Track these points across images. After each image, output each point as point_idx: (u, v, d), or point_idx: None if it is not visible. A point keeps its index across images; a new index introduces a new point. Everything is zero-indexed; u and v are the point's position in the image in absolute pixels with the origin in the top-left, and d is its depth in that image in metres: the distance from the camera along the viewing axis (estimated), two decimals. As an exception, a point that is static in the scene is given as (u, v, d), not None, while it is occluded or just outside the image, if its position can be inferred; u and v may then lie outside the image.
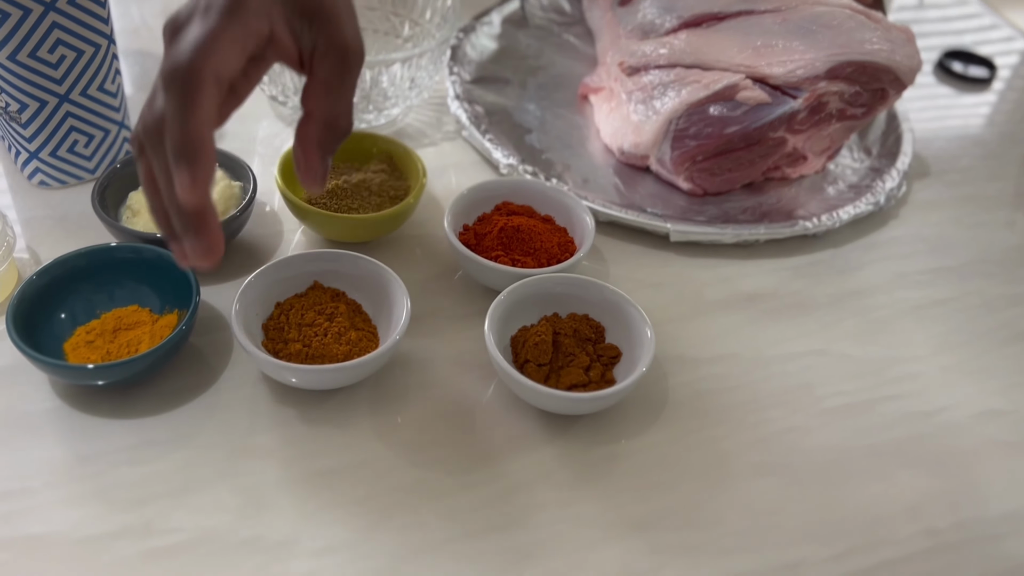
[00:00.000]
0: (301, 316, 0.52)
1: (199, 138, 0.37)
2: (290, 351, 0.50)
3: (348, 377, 0.49)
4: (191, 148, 0.37)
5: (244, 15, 0.39)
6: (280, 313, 0.52)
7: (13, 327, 0.47)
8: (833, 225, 0.65)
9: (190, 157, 0.37)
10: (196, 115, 0.37)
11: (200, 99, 0.37)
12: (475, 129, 0.70)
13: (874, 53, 0.64)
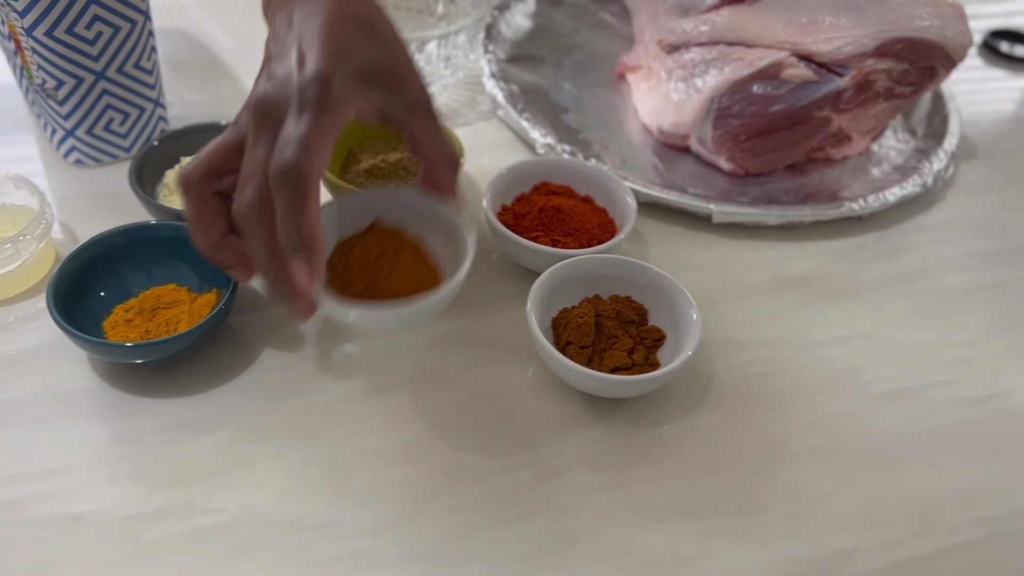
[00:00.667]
0: (364, 255, 0.49)
1: (313, 233, 0.40)
2: (355, 291, 0.48)
3: (414, 317, 0.47)
4: (307, 243, 0.40)
5: (335, 107, 0.41)
6: (341, 253, 0.50)
7: (53, 305, 0.47)
8: (880, 207, 0.64)
9: (307, 250, 0.40)
10: (308, 213, 0.40)
11: (311, 198, 0.40)
12: (511, 108, 0.69)
13: (925, 30, 0.62)
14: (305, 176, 0.39)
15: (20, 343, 0.51)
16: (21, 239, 0.51)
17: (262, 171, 0.41)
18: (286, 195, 0.40)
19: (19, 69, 0.59)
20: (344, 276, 0.49)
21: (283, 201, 0.40)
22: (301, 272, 0.40)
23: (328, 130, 0.41)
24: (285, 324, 0.50)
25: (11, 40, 0.56)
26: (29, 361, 0.50)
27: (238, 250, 0.45)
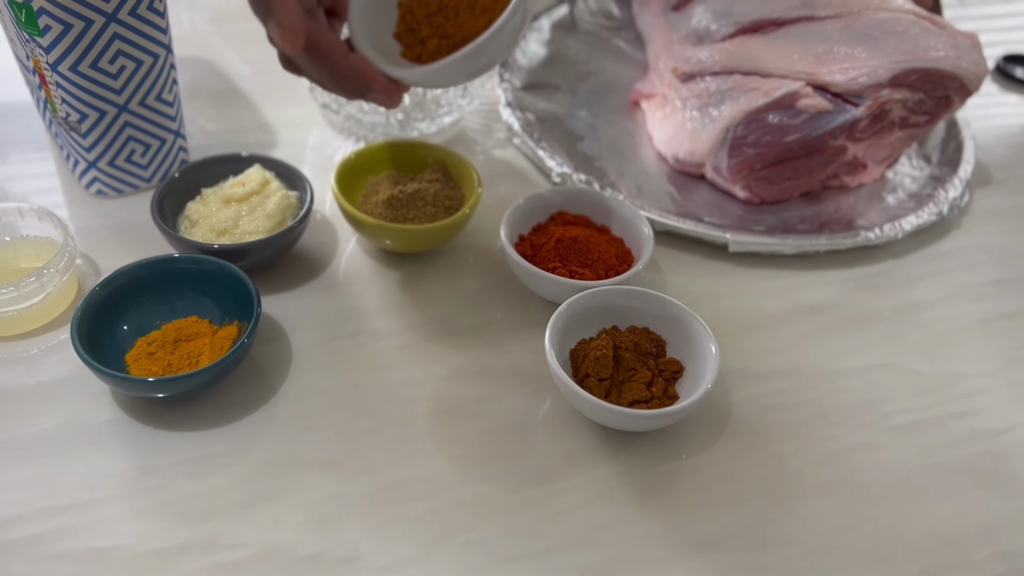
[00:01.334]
0: (426, 5, 0.47)
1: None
2: (430, 49, 0.46)
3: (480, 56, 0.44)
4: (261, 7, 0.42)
5: None
6: (405, 11, 0.48)
7: (78, 339, 0.47)
8: (895, 236, 0.64)
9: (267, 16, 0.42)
10: None
11: None
12: (527, 137, 0.70)
13: (940, 60, 0.62)
14: None
15: (43, 375, 0.51)
16: (45, 272, 0.52)
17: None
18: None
19: (43, 102, 0.60)
20: (416, 36, 0.47)
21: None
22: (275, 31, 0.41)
23: None
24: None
25: (36, 74, 0.57)
26: (52, 393, 0.50)
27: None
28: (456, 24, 0.45)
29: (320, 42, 0.44)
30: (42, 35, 0.53)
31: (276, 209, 0.57)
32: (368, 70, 0.44)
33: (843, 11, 0.67)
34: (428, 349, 0.55)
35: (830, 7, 0.68)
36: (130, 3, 0.54)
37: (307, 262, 0.60)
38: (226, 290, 0.52)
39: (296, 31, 0.41)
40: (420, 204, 0.60)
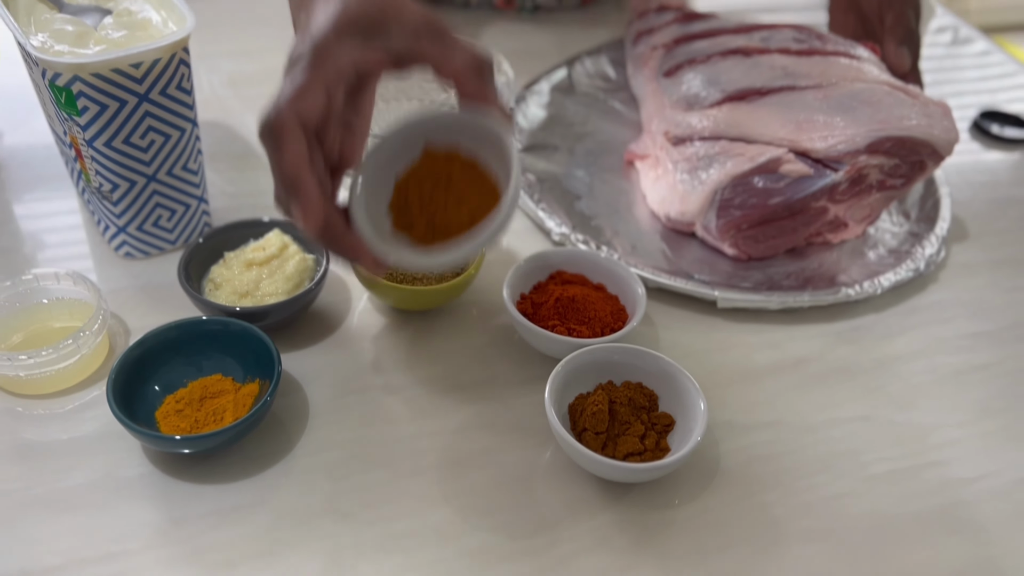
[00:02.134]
0: (420, 189, 0.51)
1: (294, 176, 0.44)
2: (419, 231, 0.50)
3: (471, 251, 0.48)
4: (289, 186, 0.44)
5: (318, 63, 0.44)
6: (400, 191, 0.51)
7: (112, 398, 0.51)
8: (875, 292, 0.68)
9: (291, 193, 0.44)
10: (285, 157, 0.44)
11: (285, 143, 0.43)
12: (528, 199, 0.74)
13: (912, 128, 0.67)
14: (275, 125, 0.43)
15: (77, 431, 0.55)
16: (81, 335, 0.56)
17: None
18: (267, 146, 0.44)
19: (77, 173, 0.65)
20: (406, 216, 0.50)
21: (267, 153, 0.44)
22: (297, 217, 0.44)
23: (310, 82, 0.44)
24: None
25: (72, 148, 0.61)
26: (87, 448, 0.54)
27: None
28: (444, 216, 0.50)
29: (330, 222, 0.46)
30: (80, 115, 0.57)
31: (294, 272, 0.61)
32: (360, 249, 0.47)
33: (822, 82, 0.72)
34: (436, 403, 0.59)
35: (810, 78, 0.72)
36: (160, 84, 0.59)
37: (323, 320, 0.64)
38: (249, 350, 0.56)
39: (317, 219, 0.45)
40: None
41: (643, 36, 0.88)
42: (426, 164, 0.51)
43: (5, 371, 0.55)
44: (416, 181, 0.51)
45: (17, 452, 0.54)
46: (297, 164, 0.44)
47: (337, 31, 0.45)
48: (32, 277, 0.60)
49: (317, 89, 0.44)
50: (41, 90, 0.61)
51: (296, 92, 0.44)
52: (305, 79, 0.44)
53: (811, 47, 0.76)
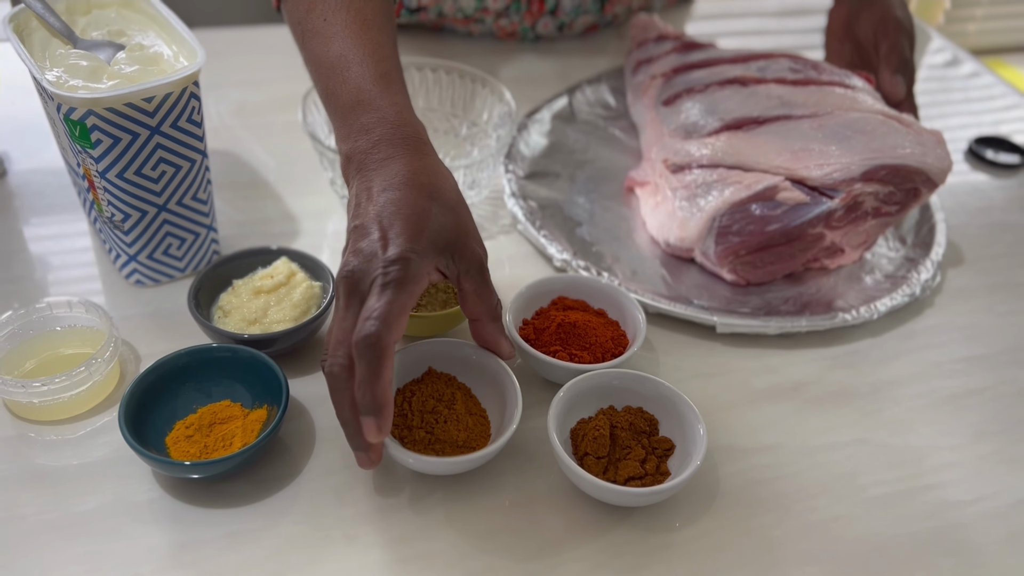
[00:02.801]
0: (422, 403, 0.57)
1: (385, 397, 0.48)
2: (414, 438, 0.55)
3: (469, 466, 0.54)
4: (378, 406, 0.47)
5: (412, 285, 0.49)
6: (403, 400, 0.57)
7: (124, 423, 0.53)
8: (871, 317, 0.69)
9: (377, 412, 0.47)
10: (382, 379, 0.47)
11: (386, 366, 0.47)
12: (530, 225, 0.76)
13: (906, 157, 0.68)
14: (383, 347, 0.47)
15: (89, 456, 0.56)
16: (93, 362, 0.57)
17: (350, 339, 0.48)
18: (366, 363, 0.47)
19: (90, 203, 0.66)
20: (406, 422, 0.56)
21: (363, 368, 0.47)
22: (371, 430, 0.47)
23: (405, 304, 0.48)
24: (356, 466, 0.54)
25: (85, 179, 0.63)
26: (98, 473, 0.55)
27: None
28: (442, 429, 0.55)
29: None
30: (93, 148, 0.59)
31: (301, 299, 0.63)
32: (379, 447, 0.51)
33: (818, 111, 0.73)
34: (440, 428, 0.60)
35: (806, 107, 0.74)
36: (172, 117, 0.60)
37: (328, 346, 0.65)
38: (258, 376, 0.57)
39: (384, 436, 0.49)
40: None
41: (642, 65, 0.90)
42: (429, 381, 0.59)
43: (19, 398, 0.56)
44: (420, 394, 0.57)
45: (30, 477, 0.55)
46: (389, 387, 0.48)
47: (430, 251, 0.51)
48: (45, 305, 0.61)
49: (407, 312, 0.49)
50: (56, 123, 0.63)
51: (398, 311, 0.48)
52: (405, 298, 0.49)
53: (807, 77, 0.78)
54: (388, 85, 0.58)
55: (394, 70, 0.60)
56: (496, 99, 0.80)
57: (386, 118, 0.56)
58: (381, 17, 0.62)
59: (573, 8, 1.01)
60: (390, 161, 0.54)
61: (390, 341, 0.47)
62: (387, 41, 0.62)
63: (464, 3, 0.98)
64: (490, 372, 0.59)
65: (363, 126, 0.56)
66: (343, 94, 0.58)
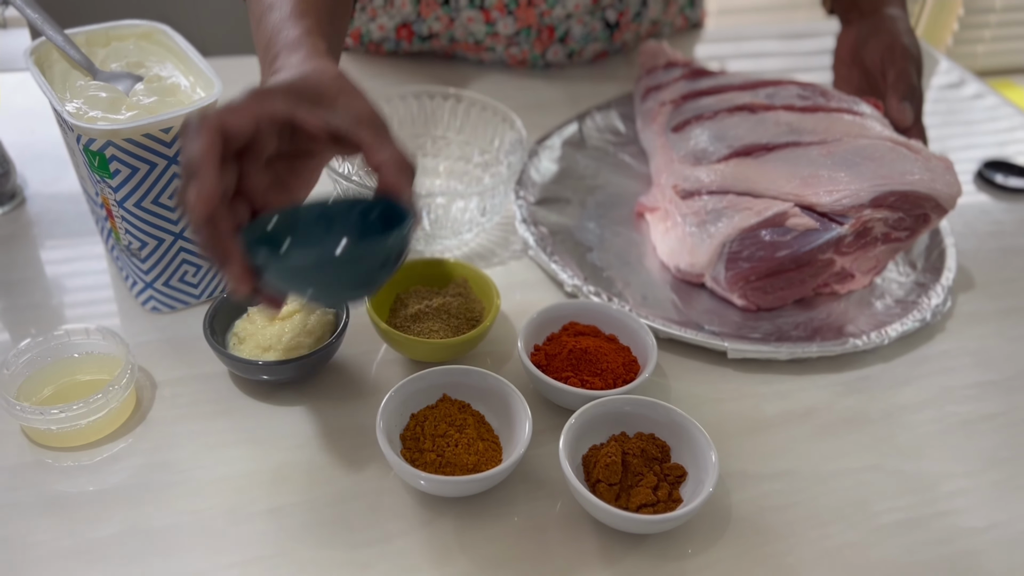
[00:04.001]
0: (435, 427, 0.58)
1: (198, 162, 0.47)
2: (425, 460, 0.56)
3: (478, 487, 0.55)
4: (189, 171, 0.47)
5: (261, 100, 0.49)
6: (415, 424, 0.59)
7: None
8: (882, 342, 0.69)
9: (189, 177, 0.47)
10: (196, 146, 0.47)
11: (200, 136, 0.47)
12: (541, 251, 0.76)
13: (915, 183, 0.68)
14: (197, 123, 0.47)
15: (104, 483, 0.57)
16: (110, 389, 0.58)
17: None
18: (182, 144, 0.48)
19: (107, 231, 0.67)
20: (418, 445, 0.57)
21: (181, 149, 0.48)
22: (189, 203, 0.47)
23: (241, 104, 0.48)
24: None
25: (103, 208, 0.64)
26: (114, 499, 0.56)
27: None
28: (453, 452, 0.56)
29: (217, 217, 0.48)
30: (112, 177, 0.60)
31: (316, 325, 0.63)
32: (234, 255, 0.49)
33: (827, 138, 0.74)
34: (453, 454, 0.60)
35: (814, 134, 0.74)
36: (189, 147, 0.61)
37: (343, 370, 0.66)
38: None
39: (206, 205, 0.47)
40: (445, 317, 0.66)
41: (651, 92, 0.91)
42: (443, 407, 0.60)
43: (37, 424, 0.56)
44: (432, 419, 0.59)
45: (47, 504, 0.55)
46: (205, 154, 0.47)
47: (287, 87, 0.51)
48: (63, 332, 0.62)
49: (247, 114, 0.48)
50: (75, 153, 0.64)
51: (226, 107, 0.48)
52: (238, 102, 0.49)
53: (815, 104, 0.79)
54: (301, 30, 0.58)
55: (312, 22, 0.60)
56: (507, 127, 0.81)
57: (288, 49, 0.57)
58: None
59: (583, 36, 1.02)
60: (279, 73, 0.55)
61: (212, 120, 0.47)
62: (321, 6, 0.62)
63: (475, 28, 0.99)
64: (502, 399, 0.60)
65: (270, 62, 0.57)
66: (260, 41, 0.61)
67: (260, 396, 0.63)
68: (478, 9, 0.97)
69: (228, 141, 0.48)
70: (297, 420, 0.62)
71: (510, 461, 0.55)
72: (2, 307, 0.69)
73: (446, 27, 1.00)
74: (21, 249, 0.75)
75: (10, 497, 0.55)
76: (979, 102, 1.10)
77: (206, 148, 0.47)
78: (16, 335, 0.67)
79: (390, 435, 0.57)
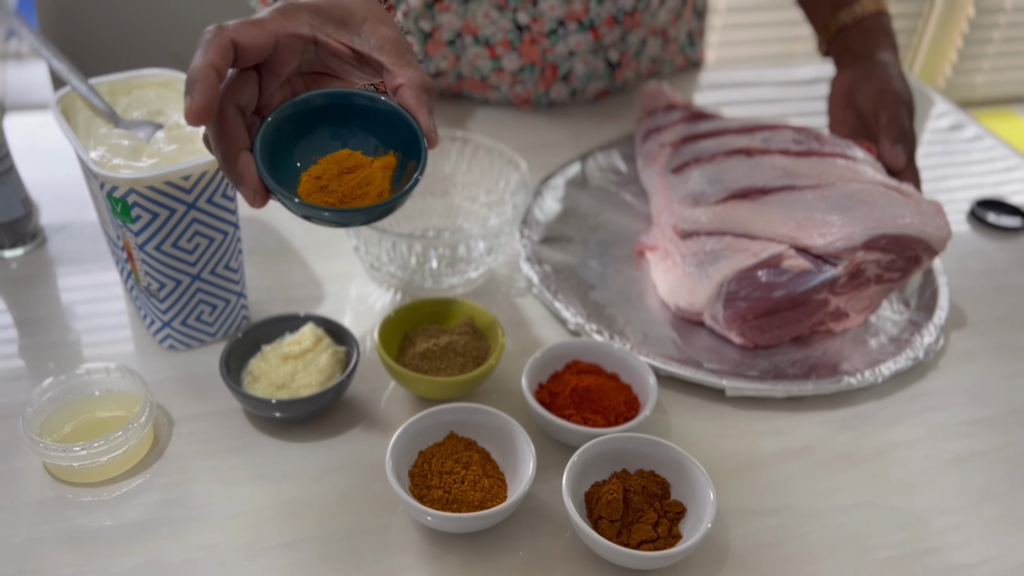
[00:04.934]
0: (441, 464, 0.60)
1: (199, 75, 0.47)
2: (433, 497, 0.58)
3: (484, 523, 0.57)
4: (191, 80, 0.47)
5: (285, 17, 0.50)
6: (423, 461, 0.61)
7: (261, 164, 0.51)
8: (876, 380, 0.71)
9: (189, 87, 0.47)
10: (202, 58, 0.47)
11: (210, 48, 0.48)
12: (544, 289, 0.79)
13: (906, 227, 0.71)
14: (211, 34, 0.48)
15: (123, 518, 0.59)
16: (130, 427, 0.60)
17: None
18: (197, 49, 0.48)
19: (127, 273, 0.70)
20: (425, 482, 0.59)
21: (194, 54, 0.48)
22: (186, 108, 0.47)
23: (261, 21, 0.49)
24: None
25: (124, 251, 0.66)
26: (133, 535, 0.58)
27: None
28: (459, 489, 0.58)
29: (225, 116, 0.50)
30: (134, 223, 0.63)
31: (327, 364, 0.66)
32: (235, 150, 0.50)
33: (821, 182, 0.76)
34: (459, 490, 0.62)
35: (809, 178, 0.77)
36: (207, 193, 0.64)
37: (353, 407, 0.68)
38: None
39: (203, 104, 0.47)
40: (451, 355, 0.68)
41: (652, 134, 0.93)
42: (450, 444, 0.62)
43: (60, 461, 0.59)
44: (439, 456, 0.61)
45: (67, 538, 0.57)
46: (203, 69, 0.47)
47: (315, 6, 0.51)
48: (84, 371, 0.64)
49: (267, 30, 0.49)
50: (97, 198, 0.67)
51: (247, 22, 0.49)
52: (262, 17, 0.49)
53: (809, 148, 0.81)
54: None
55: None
56: (512, 168, 0.84)
57: None
58: None
59: (585, 75, 1.05)
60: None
61: (226, 34, 0.48)
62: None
63: (481, 64, 1.02)
64: (507, 436, 0.62)
65: None
66: None
67: (273, 433, 0.65)
68: (483, 46, 1.00)
69: (244, 56, 0.49)
70: (309, 456, 0.64)
71: (514, 498, 0.57)
72: (24, 344, 0.72)
73: (452, 64, 1.03)
74: (42, 287, 0.78)
75: (34, 532, 0.57)
76: (975, 143, 1.13)
77: (206, 64, 0.47)
78: (36, 372, 0.69)
79: (399, 472, 0.59)
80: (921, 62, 2.86)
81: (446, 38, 0.99)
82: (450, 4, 0.95)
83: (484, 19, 0.96)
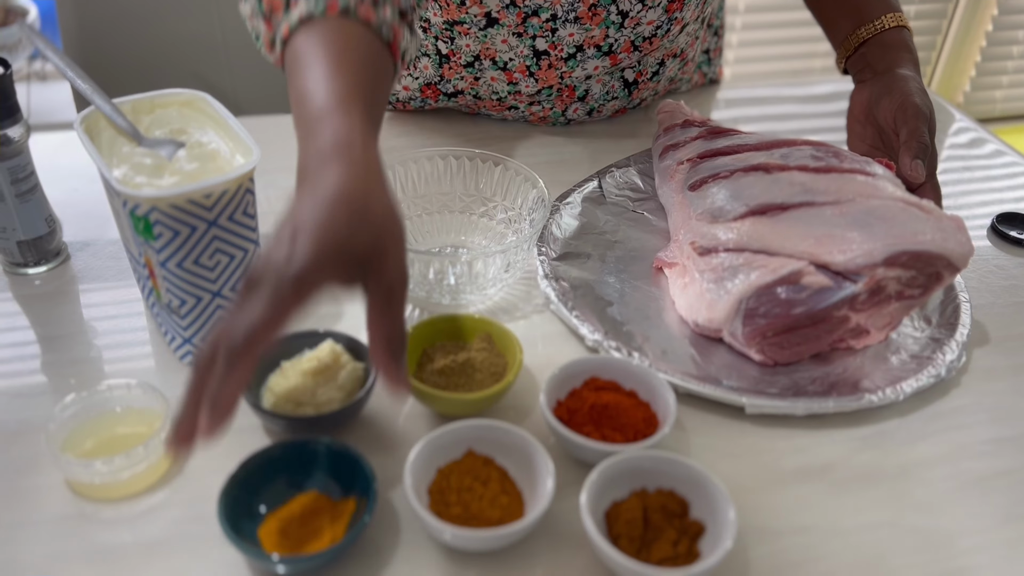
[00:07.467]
0: (460, 481, 0.60)
1: (227, 401, 0.49)
2: (452, 514, 0.58)
3: (502, 541, 0.57)
4: (219, 404, 0.49)
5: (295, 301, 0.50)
6: (442, 478, 0.61)
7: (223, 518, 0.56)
8: (897, 398, 0.71)
9: (213, 407, 0.49)
10: (230, 384, 0.49)
11: (237, 373, 0.49)
12: (562, 306, 0.78)
13: (927, 243, 0.70)
14: (239, 352, 0.49)
15: (144, 535, 0.59)
16: (151, 443, 0.60)
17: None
18: (224, 363, 0.49)
19: (149, 289, 0.70)
20: (443, 499, 0.59)
21: (220, 367, 0.49)
22: (204, 422, 0.49)
23: (281, 316, 0.50)
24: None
25: (146, 268, 0.67)
26: (153, 551, 0.58)
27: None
28: (478, 506, 0.59)
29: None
30: (155, 240, 0.63)
31: (347, 380, 0.66)
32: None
33: (840, 198, 0.76)
34: (477, 507, 0.62)
35: (828, 194, 0.77)
36: (228, 211, 0.65)
37: (371, 423, 0.68)
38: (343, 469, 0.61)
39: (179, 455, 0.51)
40: (470, 371, 0.69)
41: (669, 150, 0.94)
42: (468, 461, 0.62)
43: (81, 477, 0.59)
44: (458, 473, 0.61)
45: (90, 554, 0.58)
46: (235, 393, 0.50)
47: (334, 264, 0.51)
48: (106, 388, 0.65)
49: (287, 320, 0.50)
50: (120, 216, 0.68)
51: (267, 326, 0.49)
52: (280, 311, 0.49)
53: (828, 164, 0.81)
54: (345, 107, 0.60)
55: (356, 94, 0.61)
56: (530, 186, 0.84)
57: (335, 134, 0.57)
58: (363, 47, 0.65)
59: (602, 94, 1.06)
60: (325, 174, 0.55)
61: (252, 353, 0.49)
62: (359, 67, 0.64)
63: (498, 87, 1.02)
64: (525, 453, 0.62)
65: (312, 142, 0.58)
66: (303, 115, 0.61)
67: (292, 449, 0.65)
68: (501, 70, 1.00)
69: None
70: (327, 473, 0.64)
71: (533, 516, 0.56)
72: (47, 360, 0.73)
73: (470, 85, 1.03)
74: (65, 304, 0.79)
75: (55, 548, 0.58)
76: (995, 158, 1.12)
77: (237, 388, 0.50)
78: (58, 388, 0.70)
79: (417, 489, 0.59)
80: (940, 77, 2.85)
81: (464, 61, 1.00)
82: (470, 29, 0.95)
83: (503, 44, 0.97)
